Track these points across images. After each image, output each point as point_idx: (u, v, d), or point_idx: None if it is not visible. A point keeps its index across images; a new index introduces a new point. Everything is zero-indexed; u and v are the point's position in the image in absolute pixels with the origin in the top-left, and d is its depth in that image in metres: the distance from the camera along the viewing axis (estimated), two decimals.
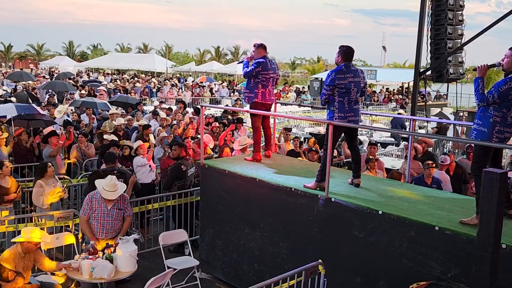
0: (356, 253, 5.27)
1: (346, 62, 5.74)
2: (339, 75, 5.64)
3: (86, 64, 48.76)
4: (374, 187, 6.06)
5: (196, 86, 29.75)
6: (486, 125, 4.54)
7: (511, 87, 4.39)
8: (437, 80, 12.03)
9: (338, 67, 5.74)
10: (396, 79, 34.50)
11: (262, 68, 6.81)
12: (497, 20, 10.53)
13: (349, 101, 5.69)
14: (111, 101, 17.51)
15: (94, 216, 6.19)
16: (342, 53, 5.75)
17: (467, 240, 4.30)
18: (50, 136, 9.49)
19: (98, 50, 62.12)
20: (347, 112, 5.69)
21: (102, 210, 6.18)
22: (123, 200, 6.39)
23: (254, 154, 7.27)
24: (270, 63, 6.92)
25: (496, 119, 4.48)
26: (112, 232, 6.25)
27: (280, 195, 6.03)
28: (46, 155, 9.22)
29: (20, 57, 62.87)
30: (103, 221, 6.19)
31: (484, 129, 4.55)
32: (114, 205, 6.25)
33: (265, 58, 6.90)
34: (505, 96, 4.41)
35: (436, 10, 11.32)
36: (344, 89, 5.63)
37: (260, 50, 6.94)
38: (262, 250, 6.34)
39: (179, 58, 59.85)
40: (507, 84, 4.41)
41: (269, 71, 6.88)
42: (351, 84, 5.66)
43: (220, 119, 14.16)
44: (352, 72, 5.71)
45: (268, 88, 6.92)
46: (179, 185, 8.25)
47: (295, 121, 18.02)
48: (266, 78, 6.86)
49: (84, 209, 6.27)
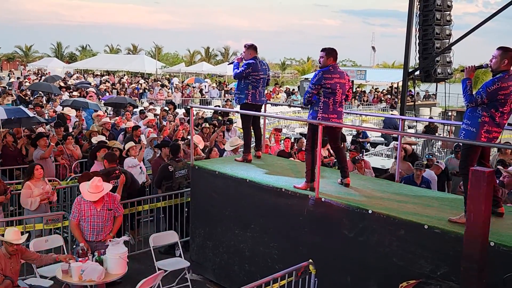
0: (347, 253, 5.29)
1: (333, 63, 5.76)
2: (326, 74, 5.65)
3: (75, 65, 48.42)
4: (364, 186, 6.09)
5: (186, 87, 29.70)
6: (474, 125, 4.58)
7: (499, 87, 4.44)
8: (425, 80, 12.15)
9: (326, 67, 5.74)
10: (385, 79, 34.68)
11: (252, 69, 6.81)
12: (485, 20, 10.65)
13: (334, 102, 5.69)
14: (108, 102, 17.44)
15: (84, 218, 6.15)
16: (331, 55, 5.76)
17: (456, 238, 4.33)
18: (39, 139, 9.41)
19: (87, 52, 61.80)
20: (330, 113, 5.70)
21: (91, 212, 6.13)
22: (113, 200, 6.34)
23: (245, 154, 7.28)
24: (260, 64, 6.93)
25: (485, 119, 4.52)
26: (102, 233, 6.22)
27: (270, 196, 6.03)
28: (37, 157, 9.15)
29: (8, 58, 62.37)
30: (93, 223, 6.15)
31: (473, 129, 4.59)
32: (103, 206, 6.21)
33: (256, 59, 6.90)
34: (493, 96, 4.45)
35: (424, 11, 11.43)
36: (330, 89, 5.64)
37: (250, 51, 6.94)
38: (253, 250, 6.34)
39: (169, 59, 59.69)
40: (495, 84, 4.45)
41: (259, 72, 6.88)
42: (337, 85, 5.67)
43: (210, 120, 14.15)
44: (339, 73, 5.73)
45: (258, 89, 6.94)
46: (167, 186, 8.22)
47: (286, 122, 18.06)
48: (256, 79, 6.87)
49: (73, 213, 6.23)
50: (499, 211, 4.84)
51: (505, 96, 4.44)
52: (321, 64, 5.85)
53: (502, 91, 4.43)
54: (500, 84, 4.44)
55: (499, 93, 4.43)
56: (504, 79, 4.46)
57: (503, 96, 4.44)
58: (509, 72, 4.52)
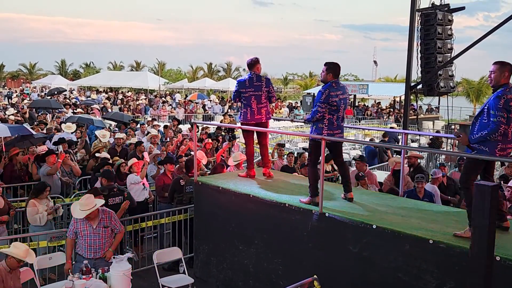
0: (351, 268, 5.26)
1: (335, 79, 5.77)
2: (332, 92, 5.66)
3: (79, 82, 48.71)
4: (368, 201, 6.08)
5: (189, 103, 29.81)
6: (487, 145, 4.49)
7: (506, 99, 4.40)
8: (428, 93, 12.15)
9: (328, 83, 5.75)
10: (387, 93, 34.69)
11: (239, 87, 6.83)
12: (486, 34, 10.68)
13: (337, 118, 5.73)
14: (105, 117, 17.50)
15: (82, 236, 6.14)
16: (331, 70, 5.77)
17: (461, 253, 4.31)
18: (48, 155, 9.42)
19: (90, 69, 62.12)
20: (335, 129, 5.73)
21: (87, 230, 6.13)
22: (108, 217, 6.32)
23: (248, 170, 7.27)
24: (252, 80, 6.78)
25: (498, 138, 4.44)
26: (101, 251, 6.19)
27: (274, 211, 6.02)
28: (44, 173, 9.15)
29: (12, 76, 62.77)
30: (90, 241, 6.13)
31: (486, 149, 4.49)
32: (99, 223, 6.19)
33: (249, 76, 6.82)
34: (508, 109, 4.38)
35: (425, 25, 11.48)
36: (335, 106, 5.66)
37: (248, 68, 6.93)
38: (257, 266, 6.31)
39: (171, 75, 59.97)
40: (502, 99, 4.40)
41: (248, 89, 6.76)
42: (341, 101, 5.70)
43: (213, 136, 14.18)
44: (341, 89, 5.75)
45: (250, 108, 6.81)
46: (178, 199, 8.27)
47: (289, 137, 18.06)
48: (245, 97, 6.79)
49: (69, 230, 6.27)
50: (504, 225, 4.81)
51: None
52: (322, 78, 5.88)
53: (510, 103, 4.41)
54: (506, 97, 4.41)
55: (510, 104, 4.40)
56: (506, 91, 4.46)
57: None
58: (509, 85, 4.52)
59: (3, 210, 7.35)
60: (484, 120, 4.50)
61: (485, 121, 4.49)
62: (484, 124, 4.49)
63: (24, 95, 30.51)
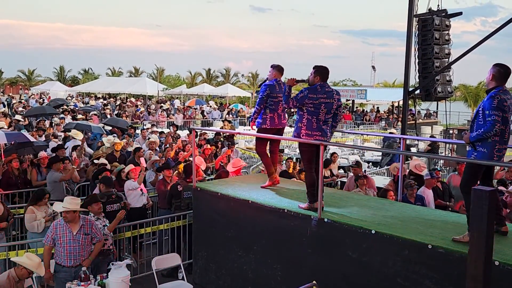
0: (351, 273, 5.25)
1: (321, 82, 5.76)
2: (311, 94, 5.65)
3: (78, 88, 48.72)
4: (366, 206, 6.07)
5: (188, 109, 29.85)
6: (485, 146, 4.50)
7: (500, 100, 4.41)
8: (426, 98, 12.18)
9: (313, 86, 5.74)
10: (386, 98, 34.80)
11: (270, 91, 6.59)
12: (483, 39, 10.71)
13: (317, 120, 5.69)
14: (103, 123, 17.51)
15: (60, 243, 6.01)
16: (319, 73, 5.76)
17: (460, 258, 4.31)
18: (56, 162, 9.37)
19: (89, 75, 62.20)
20: (314, 130, 5.70)
21: (67, 236, 6.02)
22: (89, 224, 6.25)
23: (270, 178, 7.02)
24: (280, 86, 6.66)
25: (495, 138, 4.47)
26: (80, 258, 6.08)
27: (273, 217, 6.01)
28: (53, 179, 9.10)
29: (11, 83, 62.80)
30: (69, 247, 6.01)
31: (484, 150, 4.51)
32: (80, 229, 6.12)
33: (276, 81, 6.69)
34: (501, 109, 4.40)
35: (422, 30, 11.52)
36: (313, 108, 5.65)
37: (274, 72, 6.74)
38: (256, 272, 6.30)
39: (170, 81, 60.06)
40: (495, 99, 4.42)
41: (278, 94, 6.60)
42: (321, 104, 5.66)
43: (212, 141, 14.19)
44: (326, 93, 5.71)
45: (277, 112, 6.68)
46: (176, 204, 8.28)
47: (287, 142, 18.06)
48: (274, 101, 6.63)
49: (47, 237, 6.09)
50: (503, 230, 4.81)
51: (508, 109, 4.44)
52: (309, 80, 5.87)
53: (504, 103, 4.43)
54: (500, 97, 4.43)
55: (504, 104, 4.42)
56: (500, 92, 4.48)
57: (507, 108, 4.43)
58: (503, 87, 4.54)
59: (2, 217, 7.35)
60: (480, 121, 4.52)
61: (481, 122, 4.51)
62: (480, 125, 4.51)
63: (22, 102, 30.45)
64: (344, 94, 34.45)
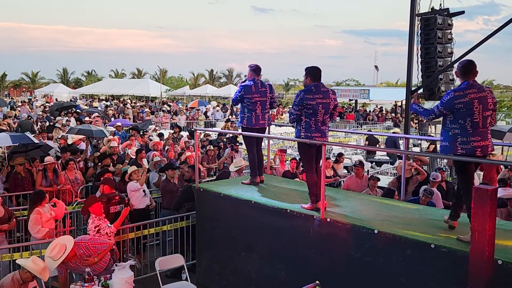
0: (354, 273, 5.25)
1: (315, 83, 5.77)
2: (308, 95, 5.68)
3: (81, 90, 48.85)
4: (369, 206, 6.07)
5: (191, 110, 29.86)
6: (447, 139, 4.64)
7: (453, 97, 4.54)
8: (429, 98, 12.12)
9: (307, 87, 5.77)
10: (389, 97, 34.75)
11: (245, 92, 6.74)
12: (486, 38, 10.67)
13: (316, 122, 5.72)
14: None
15: None
16: (309, 74, 5.79)
17: (463, 257, 4.29)
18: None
19: (92, 77, 62.27)
20: (313, 132, 5.72)
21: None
22: (86, 248, 5.93)
23: (251, 177, 7.18)
24: (257, 86, 6.79)
25: (455, 131, 4.57)
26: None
27: (276, 217, 6.02)
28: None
29: (15, 85, 62.94)
30: None
31: (446, 143, 4.64)
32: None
33: (253, 81, 6.81)
34: (451, 106, 4.52)
35: (425, 30, 11.48)
36: (311, 110, 5.66)
37: (250, 72, 6.90)
38: (259, 272, 6.30)
39: (173, 82, 60.11)
40: (449, 95, 4.59)
41: (254, 94, 6.74)
42: (319, 105, 5.68)
43: (215, 142, 14.19)
44: (322, 93, 5.73)
45: (255, 112, 6.79)
46: (188, 207, 8.23)
47: (290, 142, 18.05)
48: (251, 102, 6.75)
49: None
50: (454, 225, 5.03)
51: (464, 105, 4.50)
52: (304, 84, 5.89)
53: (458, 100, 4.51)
54: (454, 94, 4.56)
55: (455, 102, 4.52)
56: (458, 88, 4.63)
57: (462, 105, 4.50)
58: (469, 82, 4.61)
59: (3, 219, 7.33)
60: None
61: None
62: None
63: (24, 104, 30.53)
64: (347, 94, 34.43)
